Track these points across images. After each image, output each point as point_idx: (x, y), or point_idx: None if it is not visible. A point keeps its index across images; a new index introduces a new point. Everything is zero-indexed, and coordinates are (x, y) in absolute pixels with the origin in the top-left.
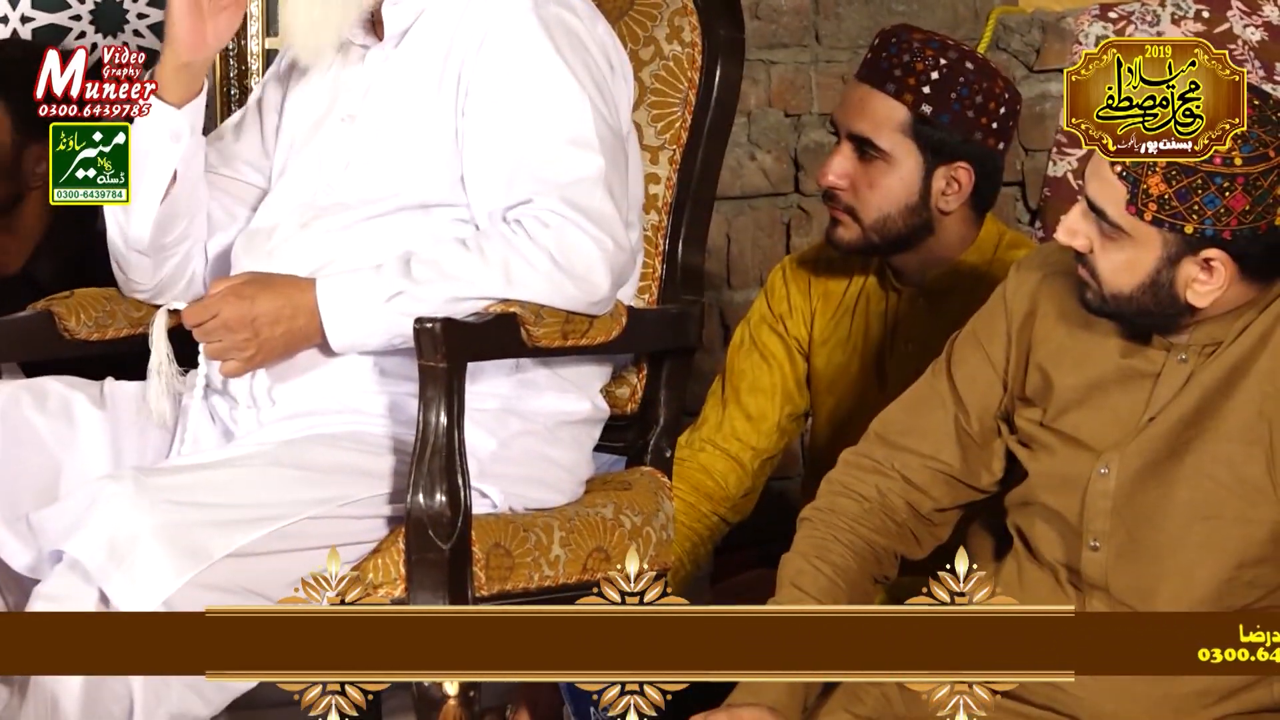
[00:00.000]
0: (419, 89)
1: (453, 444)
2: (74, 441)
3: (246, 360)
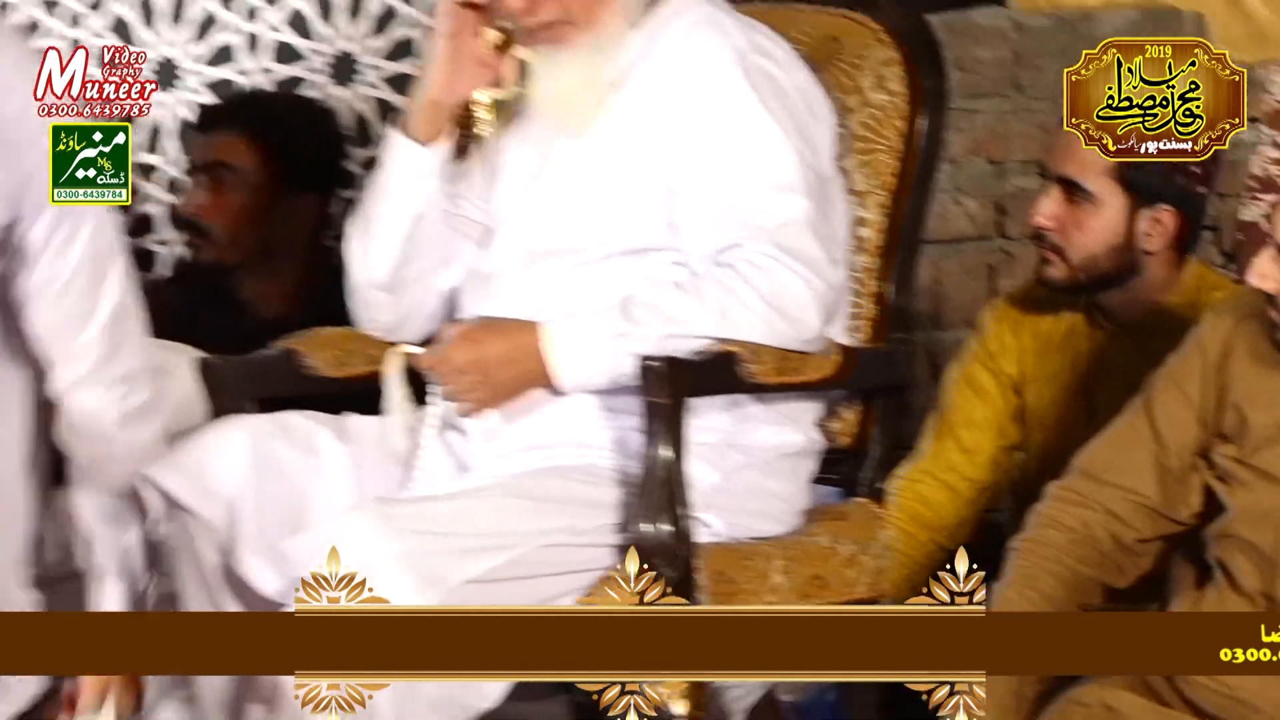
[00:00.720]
0: (631, 139)
1: (676, 476)
2: (318, 473)
3: (479, 401)
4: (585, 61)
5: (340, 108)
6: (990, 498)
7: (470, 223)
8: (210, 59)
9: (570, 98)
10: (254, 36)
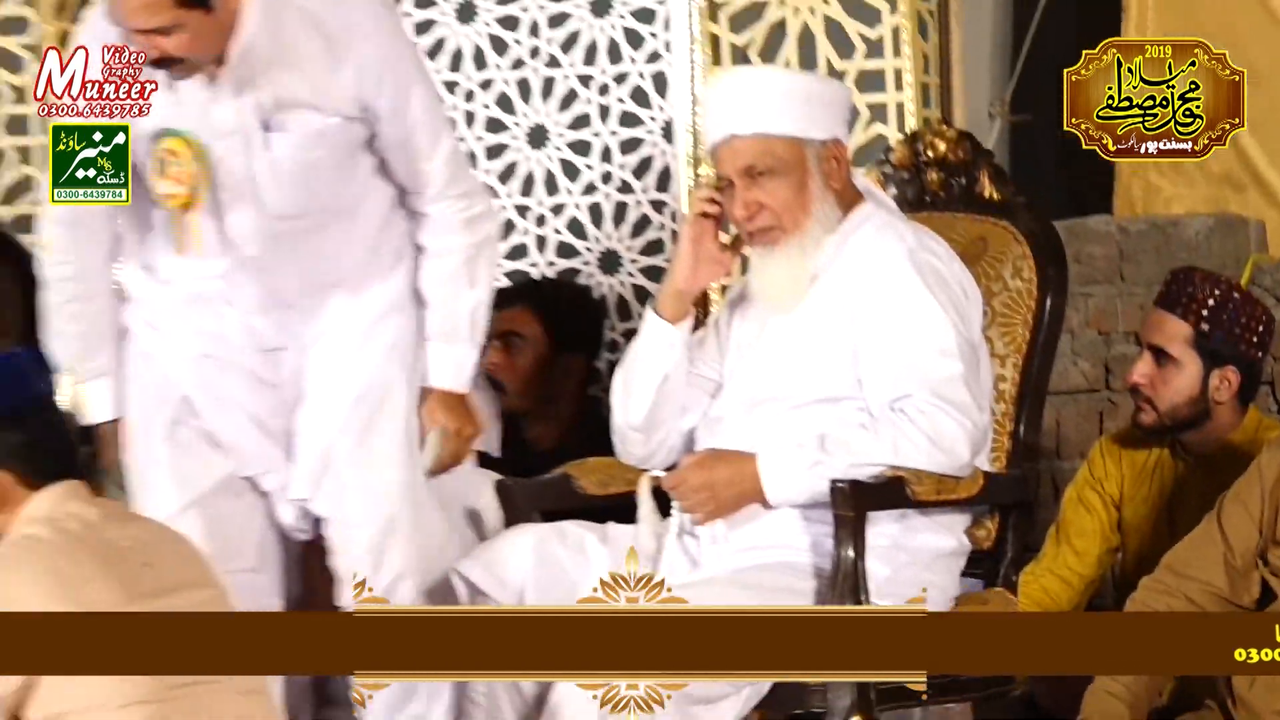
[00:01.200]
0: (828, 316)
1: (858, 570)
2: (586, 567)
3: (708, 514)
4: (793, 259)
5: (607, 292)
6: (1096, 589)
7: (706, 380)
8: (508, 254)
9: (781, 286)
10: (542, 238)
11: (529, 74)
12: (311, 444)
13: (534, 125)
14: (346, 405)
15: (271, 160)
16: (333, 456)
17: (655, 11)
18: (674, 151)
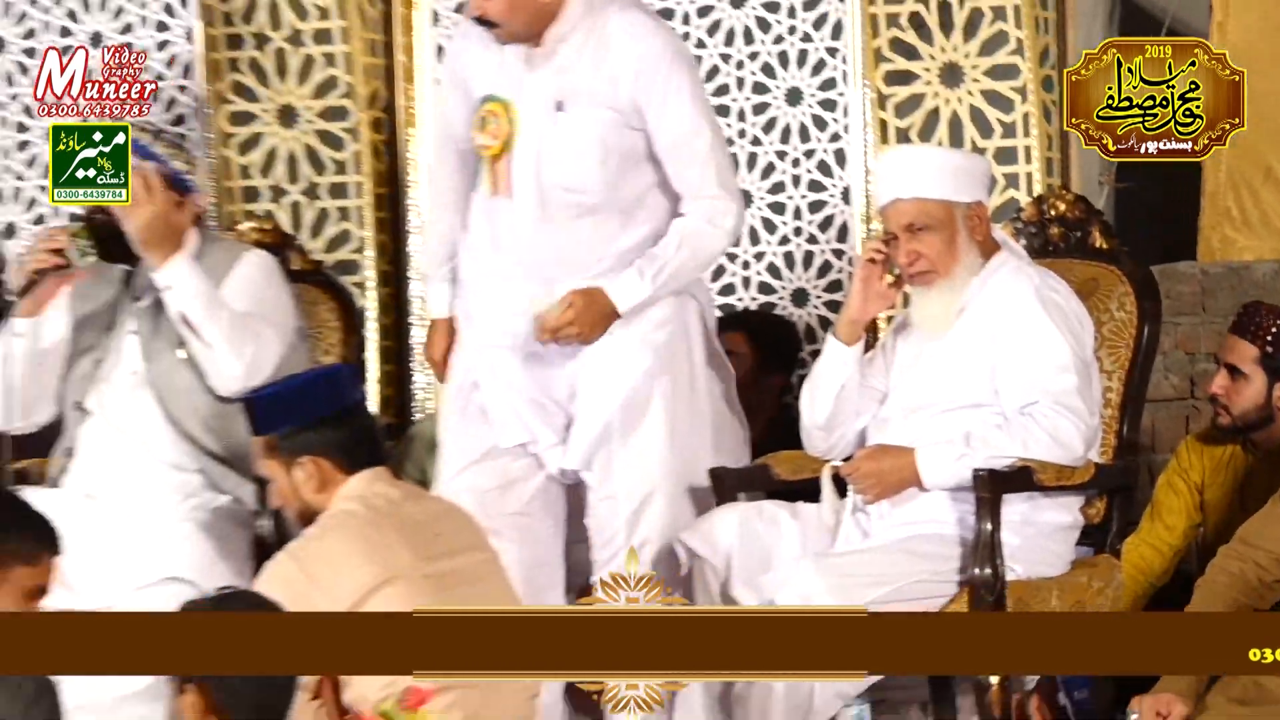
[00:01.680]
0: (971, 340)
1: (995, 540)
2: (779, 537)
3: (876, 495)
4: (944, 295)
5: (797, 321)
6: (1182, 556)
7: (874, 390)
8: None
9: (935, 316)
10: (747, 279)
11: (737, 150)
12: (587, 422)
13: (741, 190)
14: (621, 390)
15: (557, 135)
16: (607, 436)
17: (836, 102)
18: (850, 211)
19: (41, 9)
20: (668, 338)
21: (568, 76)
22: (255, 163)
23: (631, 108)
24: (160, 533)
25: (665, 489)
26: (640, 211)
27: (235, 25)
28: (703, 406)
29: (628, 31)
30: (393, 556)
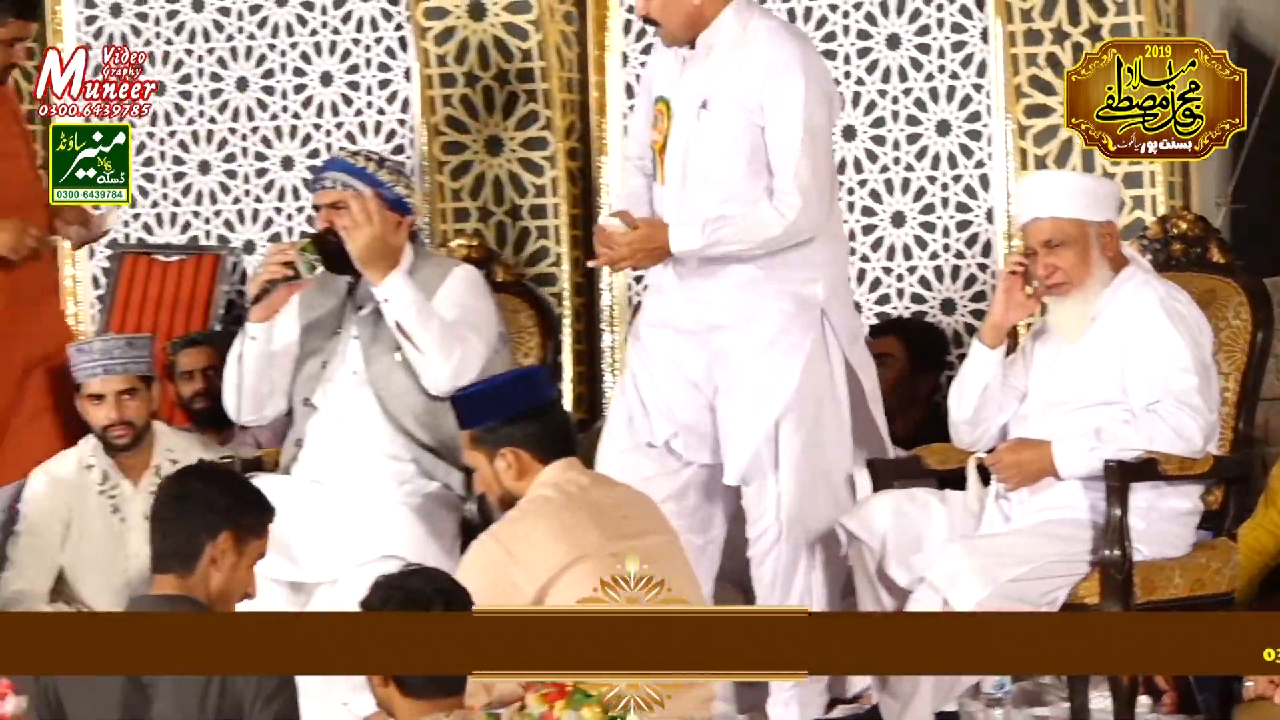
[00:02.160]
0: (1103, 345)
1: (1124, 525)
2: (929, 521)
3: (1017, 483)
4: (1078, 305)
5: (946, 328)
6: None
7: (1015, 389)
8: (878, 300)
9: (1070, 324)
10: (901, 290)
11: (892, 176)
12: (740, 445)
13: (895, 211)
14: (770, 412)
15: (700, 131)
16: (758, 456)
17: (981, 132)
18: (993, 229)
19: (279, 52)
20: (807, 357)
21: (714, 78)
22: (465, 187)
23: (758, 107)
24: (378, 515)
25: (810, 482)
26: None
27: (448, 66)
28: (844, 412)
29: (766, 39)
30: (583, 537)
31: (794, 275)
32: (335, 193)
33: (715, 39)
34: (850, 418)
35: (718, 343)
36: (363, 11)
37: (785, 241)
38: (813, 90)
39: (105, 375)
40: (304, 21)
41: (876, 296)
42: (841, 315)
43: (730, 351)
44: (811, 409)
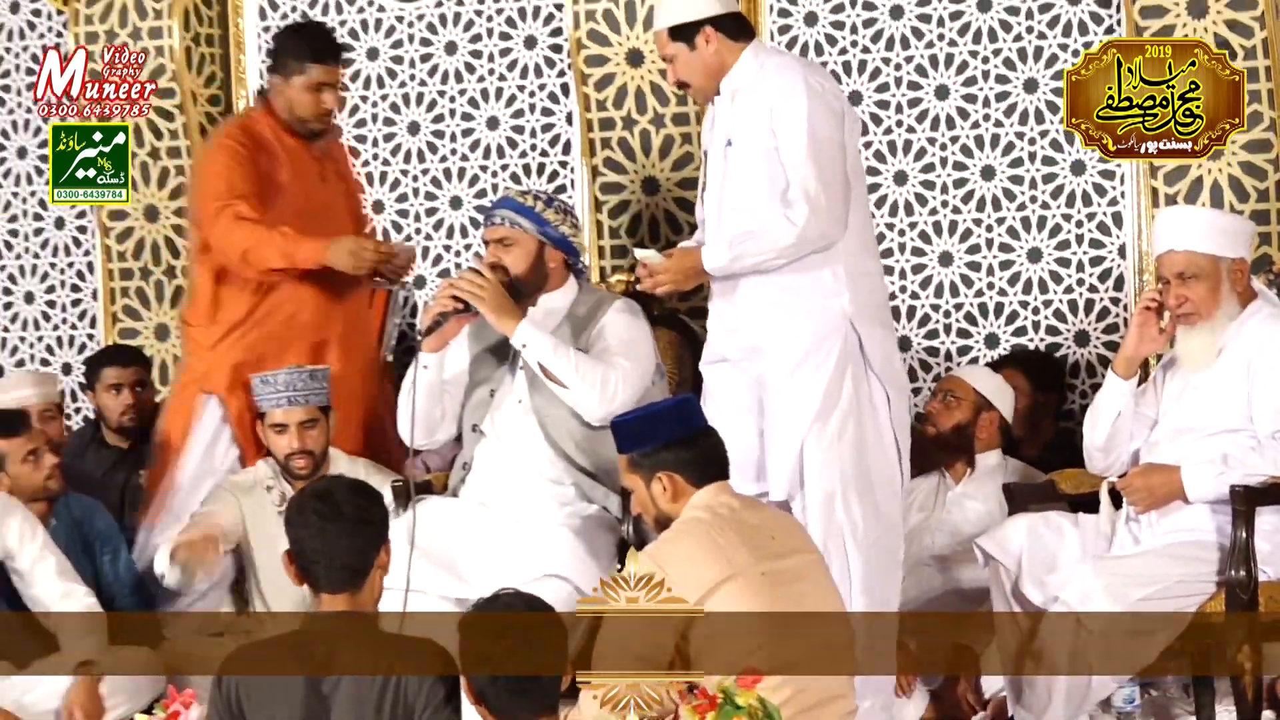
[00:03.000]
0: (1230, 375)
1: (1249, 546)
2: (1062, 542)
3: (1147, 507)
4: (1207, 336)
5: (1079, 359)
6: None
7: (1146, 417)
8: (1013, 332)
9: (1199, 354)
10: (1036, 322)
11: (1029, 214)
12: (782, 457)
13: (1032, 248)
14: (803, 425)
15: (727, 168)
16: (795, 471)
17: (1114, 172)
18: (1125, 264)
19: (448, 98)
20: (835, 368)
21: (736, 117)
22: (623, 225)
23: (771, 132)
24: (541, 536)
25: (849, 490)
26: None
27: (607, 110)
28: (881, 418)
29: (775, 71)
30: (734, 556)
31: (819, 291)
32: (503, 229)
33: (737, 83)
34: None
35: (757, 368)
36: (527, 59)
37: (801, 248)
38: (816, 106)
39: (289, 406)
40: (472, 69)
41: (1013, 329)
42: (871, 329)
43: (767, 373)
44: (839, 419)
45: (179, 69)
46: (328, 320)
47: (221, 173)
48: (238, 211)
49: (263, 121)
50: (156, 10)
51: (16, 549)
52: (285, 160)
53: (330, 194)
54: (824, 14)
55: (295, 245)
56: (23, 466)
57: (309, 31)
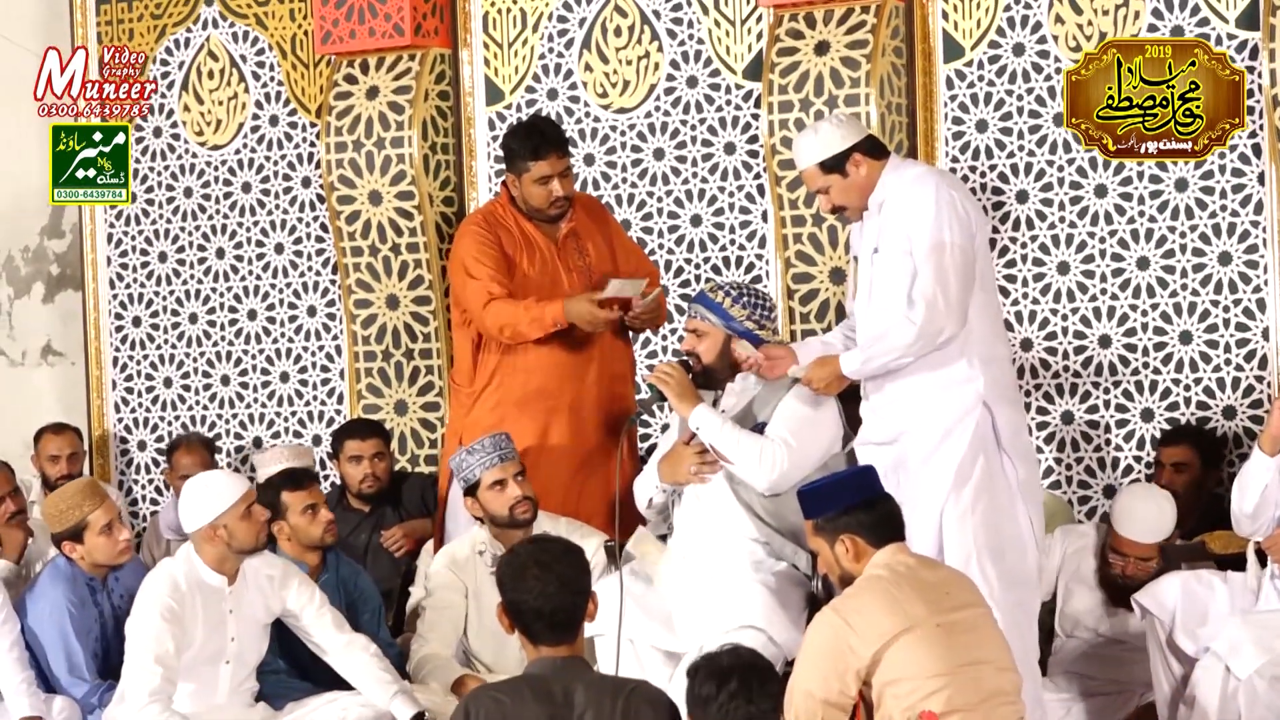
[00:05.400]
0: None
1: None
2: (1213, 598)
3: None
4: None
5: (1228, 431)
6: None
7: None
8: (1168, 406)
9: None
10: (1188, 399)
11: (1180, 300)
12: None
13: (1183, 330)
14: (937, 490)
15: (873, 271)
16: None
17: (1258, 261)
18: (1270, 346)
19: (655, 199)
20: (969, 445)
21: (881, 228)
22: (812, 311)
23: (907, 237)
24: (738, 590)
25: (979, 555)
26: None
27: (799, 209)
28: (1013, 487)
29: (912, 182)
30: (911, 609)
31: (955, 377)
32: (695, 321)
33: (882, 195)
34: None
35: (897, 451)
36: (726, 164)
37: (924, 344)
38: (943, 214)
39: (503, 463)
40: (677, 173)
41: (1167, 404)
42: (1001, 408)
43: (908, 452)
44: (972, 494)
45: (417, 174)
46: (560, 387)
47: (470, 252)
48: (490, 290)
49: (502, 210)
50: (399, 121)
51: (298, 610)
52: (522, 243)
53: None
54: (993, 122)
55: (541, 311)
56: (301, 518)
57: (530, 129)
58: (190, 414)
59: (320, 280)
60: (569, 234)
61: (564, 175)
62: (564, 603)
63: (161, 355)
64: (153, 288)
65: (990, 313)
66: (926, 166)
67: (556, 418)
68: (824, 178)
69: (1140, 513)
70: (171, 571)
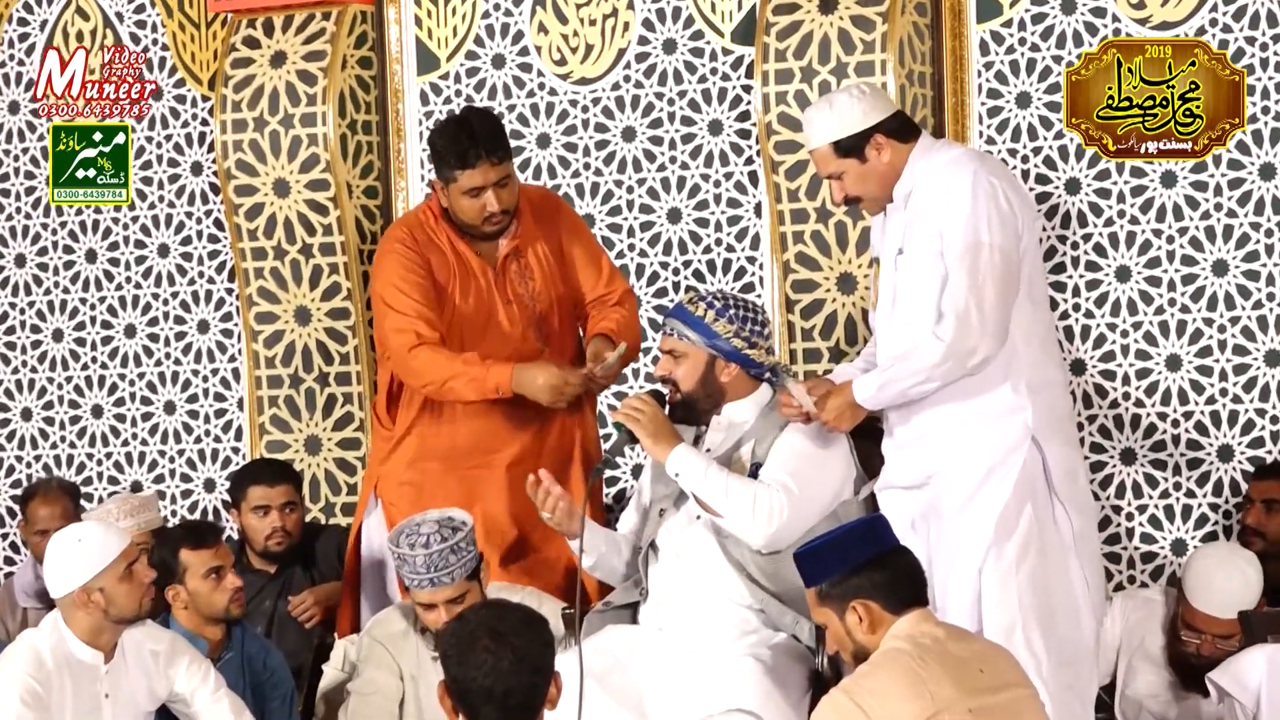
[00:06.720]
0: None
1: None
2: None
3: None
4: None
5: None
6: None
7: None
8: (1251, 444)
9: None
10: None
11: (1265, 312)
12: (955, 579)
13: (1269, 350)
14: (981, 548)
15: (897, 276)
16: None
17: None
18: None
19: (625, 188)
20: (1015, 486)
21: (908, 223)
22: (817, 325)
23: (939, 235)
24: (726, 666)
25: (1025, 622)
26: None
27: (800, 201)
28: (1065, 536)
29: (945, 168)
30: (939, 691)
31: (998, 406)
32: (672, 340)
33: (910, 185)
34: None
35: (927, 496)
36: (712, 146)
37: (953, 366)
38: (981, 207)
39: (433, 589)
40: (651, 157)
41: (1249, 439)
42: (1053, 446)
43: (942, 498)
44: (1018, 547)
45: (333, 158)
46: (494, 443)
47: (393, 279)
48: (418, 331)
49: (433, 222)
50: (310, 95)
51: (188, 694)
52: (456, 268)
53: (504, 299)
54: (1037, 95)
55: (484, 374)
56: (204, 583)
57: (458, 128)
58: (54, 453)
59: (214, 289)
60: (510, 254)
61: (501, 185)
62: (519, 682)
63: (19, 381)
64: (7, 297)
65: (1040, 329)
66: (965, 149)
67: (488, 478)
68: (837, 161)
69: (1219, 581)
70: (35, 645)
